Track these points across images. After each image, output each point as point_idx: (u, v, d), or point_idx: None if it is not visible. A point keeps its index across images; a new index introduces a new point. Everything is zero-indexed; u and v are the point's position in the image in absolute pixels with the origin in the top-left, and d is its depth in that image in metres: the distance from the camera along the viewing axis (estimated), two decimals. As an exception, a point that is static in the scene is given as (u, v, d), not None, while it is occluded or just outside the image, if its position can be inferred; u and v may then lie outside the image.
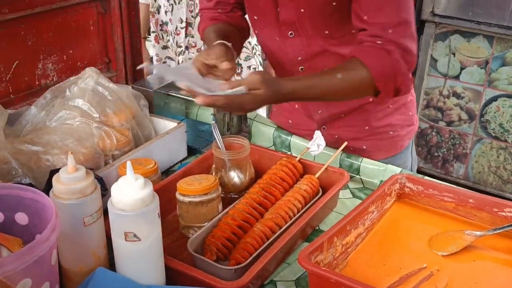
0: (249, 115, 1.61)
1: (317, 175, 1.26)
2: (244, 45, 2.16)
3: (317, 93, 1.24)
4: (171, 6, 2.08)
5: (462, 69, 3.14)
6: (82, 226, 0.92)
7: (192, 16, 2.08)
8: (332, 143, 1.43)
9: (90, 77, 1.40)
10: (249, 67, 2.23)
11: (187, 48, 2.12)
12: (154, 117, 1.50)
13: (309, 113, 1.54)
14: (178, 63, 2.15)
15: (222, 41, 1.28)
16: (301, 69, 1.45)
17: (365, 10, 1.24)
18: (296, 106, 1.57)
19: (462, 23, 2.99)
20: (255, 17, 1.45)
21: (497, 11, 2.85)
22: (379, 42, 1.23)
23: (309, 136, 1.43)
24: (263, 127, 1.57)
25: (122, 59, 1.73)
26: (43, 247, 0.79)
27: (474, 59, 3.09)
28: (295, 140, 1.51)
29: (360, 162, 1.40)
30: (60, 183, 0.91)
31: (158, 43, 2.19)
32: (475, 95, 3.16)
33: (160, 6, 2.12)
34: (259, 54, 2.26)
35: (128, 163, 0.88)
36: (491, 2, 2.86)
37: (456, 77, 3.18)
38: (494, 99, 3.10)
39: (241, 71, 2.22)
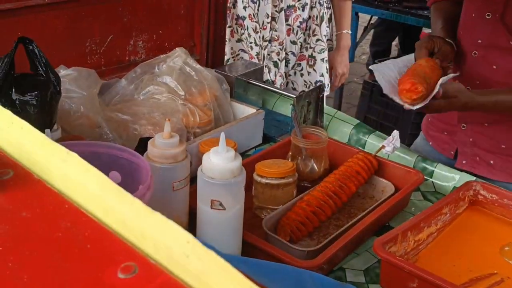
0: (330, 111, 1.64)
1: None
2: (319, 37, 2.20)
3: (500, 110, 1.40)
4: (254, 2, 2.12)
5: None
6: (171, 190, 0.97)
7: (276, 11, 2.13)
8: (465, 145, 1.54)
9: (179, 57, 1.46)
10: (322, 59, 2.26)
11: (269, 41, 2.18)
12: (234, 101, 1.55)
13: None
14: (252, 56, 2.19)
15: (450, 41, 1.40)
16: (474, 53, 1.46)
17: None
18: None
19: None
20: None
21: None
22: None
23: (447, 132, 1.56)
24: (342, 124, 1.59)
25: (205, 44, 1.79)
26: (139, 202, 0.84)
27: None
28: (370, 141, 1.52)
29: (435, 168, 1.40)
30: (156, 147, 0.96)
31: (233, 37, 2.23)
32: None
33: (236, 1, 2.17)
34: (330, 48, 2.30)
35: (222, 134, 0.92)
36: None
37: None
38: None
39: (314, 63, 2.26)
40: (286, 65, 2.24)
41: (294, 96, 1.48)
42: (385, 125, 3.28)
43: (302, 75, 2.26)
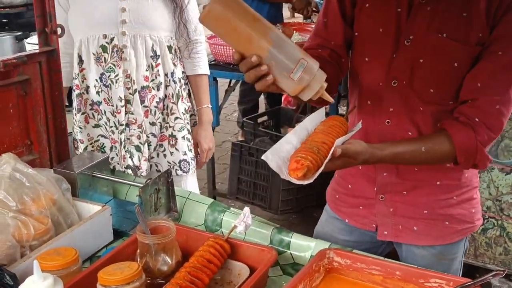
0: (183, 193, 1.59)
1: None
2: None
3: (400, 162, 1.40)
4: (107, 86, 2.05)
5: None
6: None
7: (130, 93, 2.06)
8: (385, 215, 1.51)
9: (7, 164, 1.34)
10: (183, 137, 2.21)
11: (127, 125, 2.09)
12: (78, 200, 1.45)
13: (373, 174, 1.52)
14: (115, 141, 2.10)
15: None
16: (387, 122, 1.45)
17: (484, 77, 1.32)
18: (360, 167, 1.53)
19: None
20: (366, 59, 1.46)
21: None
22: (476, 119, 1.32)
23: (363, 206, 1.54)
24: (196, 205, 1.55)
25: (45, 140, 1.69)
26: None
27: None
28: (227, 219, 1.49)
29: (291, 238, 1.38)
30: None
31: (88, 123, 2.14)
32: None
33: (88, 87, 2.09)
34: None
35: (35, 263, 0.83)
36: None
37: None
38: None
39: (176, 142, 2.20)
40: (148, 148, 2.15)
41: (141, 185, 1.42)
42: (258, 184, 3.29)
43: (165, 156, 2.18)
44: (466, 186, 1.49)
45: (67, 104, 2.13)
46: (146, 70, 2.06)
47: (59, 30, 1.68)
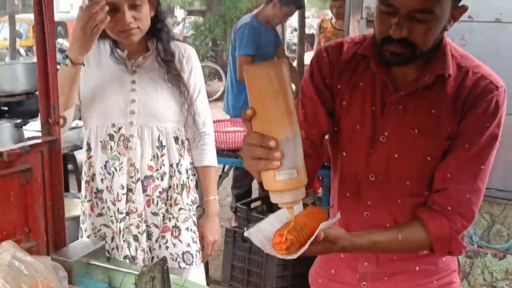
0: (178, 280, 1.60)
1: None
2: None
3: (377, 250, 1.44)
4: (110, 174, 2.08)
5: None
6: None
7: (133, 182, 2.09)
8: None
9: (6, 251, 1.37)
10: (187, 228, 2.19)
11: (127, 214, 2.10)
12: (74, 288, 1.46)
13: (354, 263, 1.56)
14: (115, 231, 2.11)
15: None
16: (366, 214, 1.50)
17: (453, 168, 1.38)
18: (342, 256, 1.58)
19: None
20: (344, 153, 1.52)
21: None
22: (449, 208, 1.37)
23: None
24: (191, 293, 1.56)
25: (43, 227, 1.71)
26: None
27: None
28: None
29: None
30: None
31: (93, 211, 2.16)
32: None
33: (94, 174, 2.13)
34: None
35: None
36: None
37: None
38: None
39: (179, 233, 2.17)
40: (149, 238, 2.14)
41: (137, 272, 1.43)
42: (251, 270, 3.27)
43: (167, 247, 2.14)
44: (444, 270, 1.54)
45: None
46: (151, 160, 2.09)
47: (61, 121, 1.74)
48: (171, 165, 2.14)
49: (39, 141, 1.69)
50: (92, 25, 1.84)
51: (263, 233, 1.26)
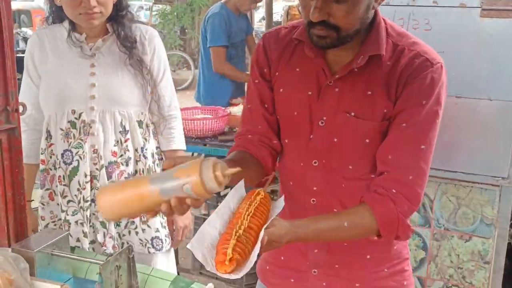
0: (145, 269, 1.57)
1: None
2: None
3: (324, 238, 1.40)
4: (72, 162, 2.04)
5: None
6: None
7: (97, 169, 2.04)
8: None
9: (-37, 243, 1.32)
10: None
11: (93, 200, 2.05)
12: (36, 280, 1.42)
13: (305, 250, 1.52)
14: (80, 219, 2.06)
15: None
16: (313, 201, 1.47)
17: (392, 149, 1.36)
18: None
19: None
20: (286, 141, 1.49)
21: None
22: (393, 191, 1.33)
23: (294, 279, 1.52)
24: (159, 283, 1.53)
25: (4, 217, 1.66)
26: None
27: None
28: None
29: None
30: None
31: (53, 200, 2.11)
32: None
33: (55, 162, 2.08)
34: None
35: None
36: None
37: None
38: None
39: (147, 219, 2.16)
40: (118, 225, 2.11)
41: (101, 262, 1.40)
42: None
43: (137, 233, 2.12)
44: (396, 258, 1.53)
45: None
46: (115, 146, 2.05)
47: (21, 108, 1.69)
48: (136, 150, 2.10)
49: (-3, 129, 1.64)
50: None
51: (204, 242, 1.15)
